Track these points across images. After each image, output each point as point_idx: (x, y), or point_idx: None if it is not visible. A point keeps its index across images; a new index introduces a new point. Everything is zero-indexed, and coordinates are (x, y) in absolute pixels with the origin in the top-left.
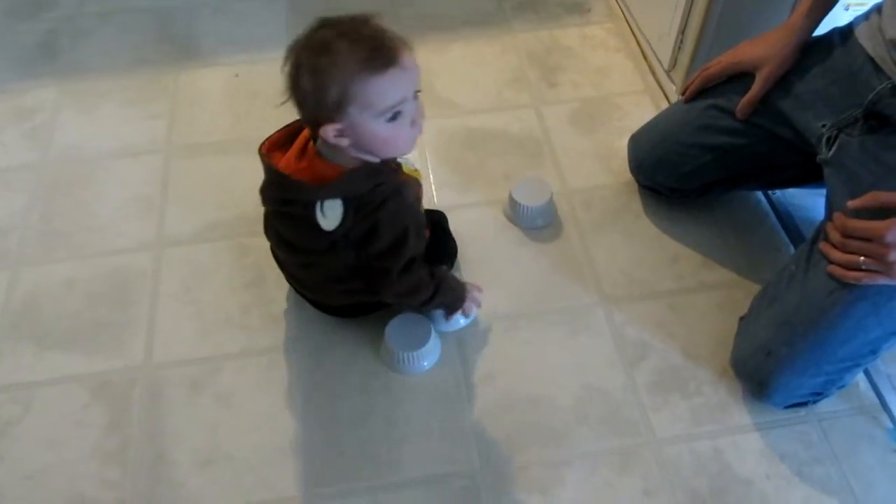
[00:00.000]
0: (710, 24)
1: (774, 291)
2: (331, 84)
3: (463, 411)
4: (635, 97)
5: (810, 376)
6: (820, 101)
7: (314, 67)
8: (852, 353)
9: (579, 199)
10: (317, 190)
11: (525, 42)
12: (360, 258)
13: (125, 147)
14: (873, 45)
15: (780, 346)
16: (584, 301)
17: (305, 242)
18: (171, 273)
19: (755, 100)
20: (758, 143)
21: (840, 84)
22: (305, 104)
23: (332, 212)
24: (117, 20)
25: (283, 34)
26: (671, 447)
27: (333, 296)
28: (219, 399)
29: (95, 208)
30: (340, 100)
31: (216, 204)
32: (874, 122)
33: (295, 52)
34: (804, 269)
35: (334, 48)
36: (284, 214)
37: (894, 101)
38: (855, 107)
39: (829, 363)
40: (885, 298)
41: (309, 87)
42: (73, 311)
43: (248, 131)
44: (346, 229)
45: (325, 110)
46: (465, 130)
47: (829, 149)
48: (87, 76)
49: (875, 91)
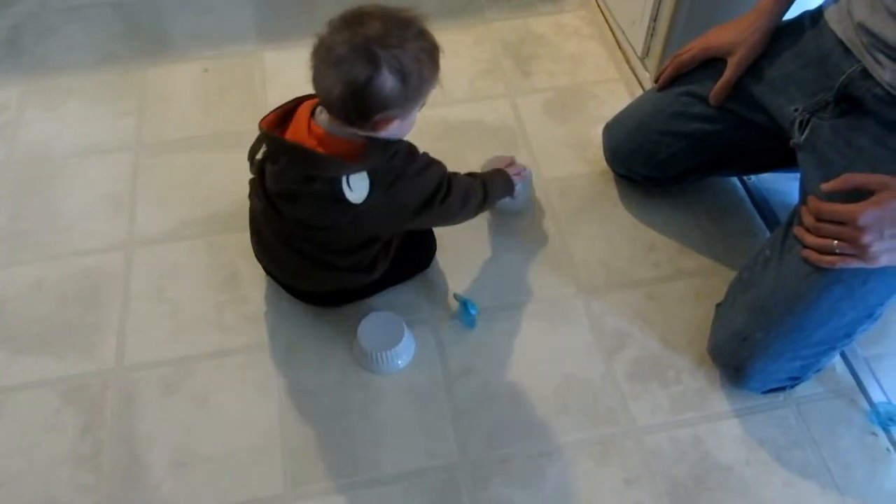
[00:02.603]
0: (681, 11)
1: (750, 277)
2: (418, 77)
3: (441, 406)
4: (610, 85)
5: (787, 360)
6: (791, 85)
7: (398, 63)
8: (828, 336)
9: (555, 189)
10: (343, 164)
11: (499, 31)
12: (399, 224)
13: (93, 145)
14: (843, 29)
15: (755, 332)
16: (562, 291)
17: (325, 218)
18: (143, 273)
19: (728, 85)
20: (731, 128)
21: (811, 68)
22: (357, 103)
23: (359, 184)
24: (83, 16)
25: (252, 28)
26: (651, 435)
27: (327, 278)
28: (193, 400)
29: (63, 208)
30: (417, 99)
31: (188, 201)
32: (845, 105)
33: (378, 42)
34: (779, 254)
35: (435, 51)
36: (303, 193)
37: (865, 84)
38: (826, 90)
39: (805, 347)
40: (860, 282)
41: (392, 88)
42: (42, 313)
43: (219, 126)
44: (372, 201)
45: (396, 104)
46: (440, 122)
47: (802, 133)
48: (53, 73)
49: (846, 74)
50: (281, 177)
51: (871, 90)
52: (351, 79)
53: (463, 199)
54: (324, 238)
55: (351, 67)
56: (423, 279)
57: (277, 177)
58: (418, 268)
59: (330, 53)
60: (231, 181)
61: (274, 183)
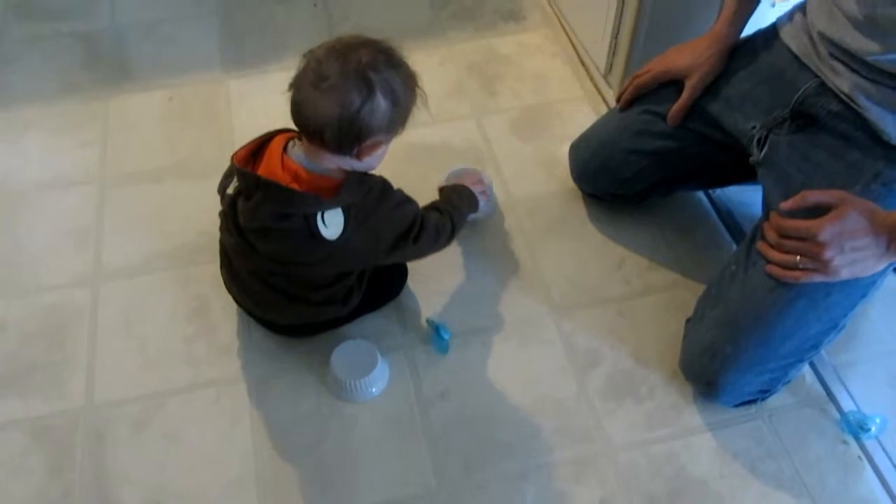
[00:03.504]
0: (641, 28)
1: (717, 291)
2: (406, 102)
3: (417, 432)
4: (575, 103)
5: (756, 374)
6: (748, 102)
7: (390, 87)
8: (795, 348)
9: (524, 209)
10: (319, 201)
11: (463, 52)
12: (371, 260)
13: (55, 178)
14: (798, 44)
15: (724, 346)
16: (534, 311)
17: (299, 254)
18: (110, 308)
19: (684, 108)
20: (692, 145)
21: (766, 85)
22: (346, 128)
23: (334, 221)
24: (42, 46)
25: (216, 55)
26: (626, 453)
27: (300, 312)
28: (165, 436)
29: (26, 243)
30: (405, 119)
31: (155, 233)
32: (801, 121)
33: (370, 68)
34: (744, 268)
35: (416, 79)
36: (277, 230)
37: (820, 101)
38: (782, 107)
39: (773, 360)
40: (823, 294)
41: (383, 110)
42: (6, 353)
43: (185, 155)
44: (346, 237)
45: (386, 128)
46: (405, 145)
47: (761, 150)
48: (12, 105)
49: (801, 91)
50: (255, 213)
51: (827, 106)
52: (347, 102)
53: (434, 237)
54: (298, 273)
55: (347, 93)
56: (394, 305)
57: (251, 213)
58: (391, 295)
59: (322, 80)
60: (198, 211)
61: (247, 219)
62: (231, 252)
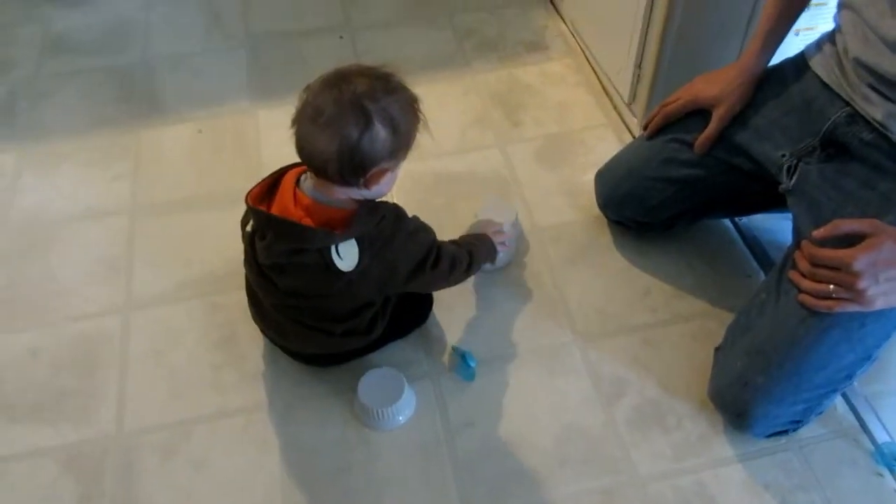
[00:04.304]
0: (664, 57)
1: (746, 321)
2: (406, 127)
3: (443, 460)
4: (598, 131)
5: (789, 405)
6: (777, 131)
7: (389, 115)
8: (828, 379)
9: (549, 236)
10: (331, 234)
11: (486, 82)
12: (390, 288)
13: (88, 209)
14: (828, 73)
15: (756, 376)
16: (560, 340)
17: (317, 288)
18: (140, 336)
19: (711, 138)
20: (719, 174)
21: (795, 114)
22: (348, 160)
23: (348, 252)
24: (76, 80)
25: (245, 87)
26: (654, 484)
27: (324, 342)
28: (193, 463)
29: (59, 274)
30: (407, 150)
31: (184, 262)
32: (832, 150)
33: (366, 97)
34: (775, 297)
35: (417, 102)
36: (292, 265)
37: (850, 130)
38: (812, 136)
39: (806, 391)
40: (857, 324)
41: (384, 140)
42: (38, 381)
43: (214, 186)
44: (362, 267)
45: (388, 160)
46: (431, 174)
47: (791, 178)
48: (47, 138)
49: (831, 120)
50: (269, 251)
51: (858, 135)
52: (345, 134)
53: (449, 266)
54: (318, 306)
55: (344, 124)
56: (420, 333)
57: (266, 251)
58: (416, 323)
59: (319, 115)
60: (227, 240)
61: (263, 257)
62: (254, 285)
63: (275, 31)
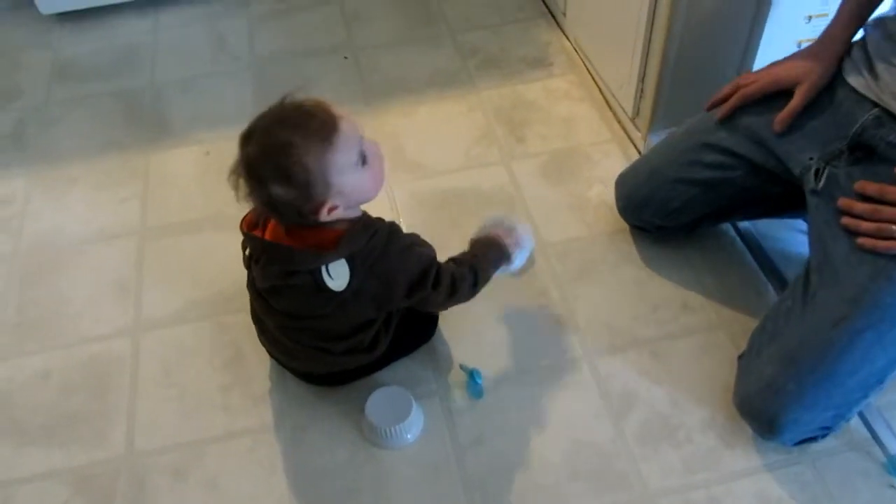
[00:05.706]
0: (666, 71)
1: (773, 327)
2: (312, 178)
3: (453, 478)
4: (603, 146)
5: (821, 410)
6: (805, 134)
7: (284, 174)
8: (860, 383)
9: (555, 252)
10: (320, 256)
11: (490, 99)
12: (389, 305)
13: (98, 232)
14: (856, 78)
15: (787, 383)
16: (568, 355)
17: (312, 308)
18: (150, 357)
19: (795, 112)
20: (744, 175)
21: (823, 117)
22: (288, 209)
23: (339, 272)
24: (85, 105)
25: (251, 108)
26: (665, 499)
27: (327, 361)
28: (204, 484)
29: (70, 296)
30: (326, 181)
31: (192, 283)
32: (859, 153)
33: (249, 168)
34: (801, 304)
35: (292, 147)
36: (286, 287)
37: (878, 132)
38: (840, 139)
39: (839, 395)
40: (888, 326)
41: (289, 193)
42: (49, 403)
43: (222, 208)
44: (356, 285)
45: (316, 199)
46: (437, 191)
47: (818, 181)
48: (57, 163)
49: (859, 123)
50: (264, 274)
51: (885, 137)
52: (259, 196)
53: (450, 285)
54: (316, 326)
55: (253, 189)
56: (427, 350)
57: (261, 275)
58: (422, 340)
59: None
60: (234, 261)
61: (260, 280)
62: (256, 308)
63: (280, 53)
